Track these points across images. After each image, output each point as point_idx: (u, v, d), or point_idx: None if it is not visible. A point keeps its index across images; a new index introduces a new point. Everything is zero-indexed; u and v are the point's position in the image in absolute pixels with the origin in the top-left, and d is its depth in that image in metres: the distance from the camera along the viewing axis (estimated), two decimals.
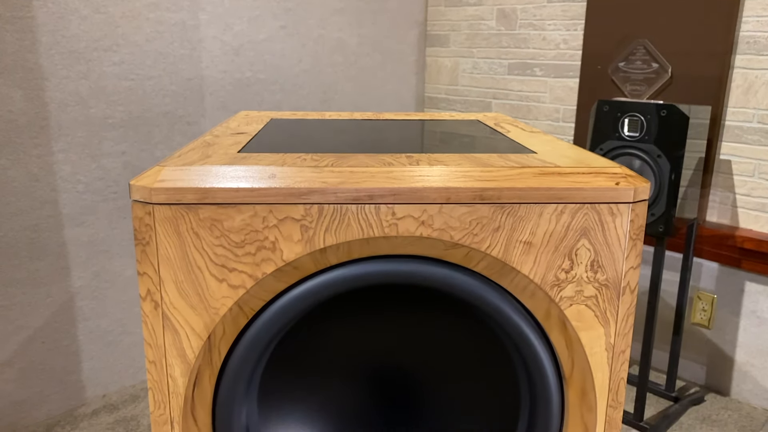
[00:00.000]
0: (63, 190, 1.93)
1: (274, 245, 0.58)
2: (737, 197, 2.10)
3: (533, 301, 0.62)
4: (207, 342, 0.60)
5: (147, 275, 0.58)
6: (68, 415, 2.02)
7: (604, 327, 0.62)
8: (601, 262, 0.60)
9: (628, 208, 0.59)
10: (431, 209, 0.58)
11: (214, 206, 0.56)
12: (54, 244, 1.94)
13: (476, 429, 0.69)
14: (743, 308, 2.12)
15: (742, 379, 2.14)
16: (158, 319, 0.59)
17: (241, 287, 0.58)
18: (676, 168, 1.78)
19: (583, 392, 0.64)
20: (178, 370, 0.60)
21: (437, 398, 0.70)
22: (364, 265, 0.60)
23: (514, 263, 0.60)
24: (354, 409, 0.70)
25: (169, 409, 0.61)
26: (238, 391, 0.62)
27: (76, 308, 2.03)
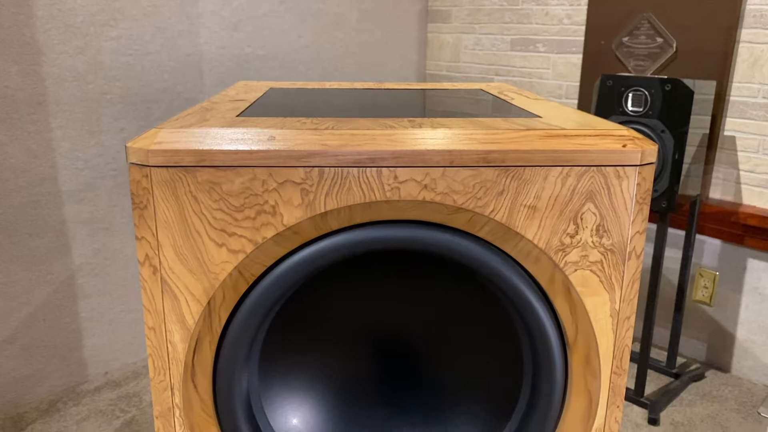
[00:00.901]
0: (62, 167, 1.92)
1: (274, 209, 0.57)
2: (741, 173, 2.08)
3: (537, 266, 0.61)
4: (207, 307, 0.59)
5: (145, 239, 0.57)
6: (70, 391, 2.03)
7: (609, 293, 0.61)
8: (606, 227, 0.59)
9: (635, 171, 0.58)
10: (434, 172, 0.56)
11: (212, 169, 0.55)
12: (54, 221, 1.93)
13: (478, 396, 0.69)
14: (745, 285, 2.12)
15: (742, 356, 2.15)
16: (157, 284, 0.58)
17: (241, 252, 0.57)
18: (679, 143, 1.76)
19: (587, 359, 0.64)
20: (178, 335, 0.59)
21: (439, 364, 0.69)
22: (366, 230, 0.59)
23: (518, 228, 0.59)
24: (355, 374, 0.69)
25: (169, 375, 0.60)
26: (239, 357, 0.61)
27: (77, 286, 2.03)
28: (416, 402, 0.70)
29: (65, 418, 1.89)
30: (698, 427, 1.88)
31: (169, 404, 0.61)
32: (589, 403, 0.65)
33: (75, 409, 1.93)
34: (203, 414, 0.63)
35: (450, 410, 0.69)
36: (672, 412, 1.95)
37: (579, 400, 0.65)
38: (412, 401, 0.70)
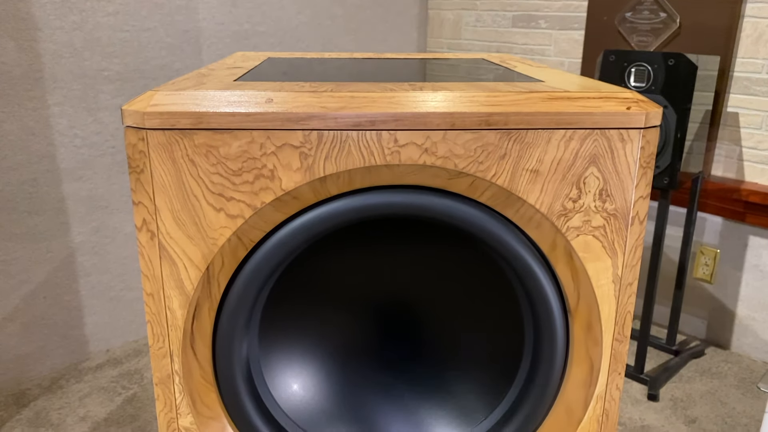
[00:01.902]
0: (60, 144, 1.91)
1: (273, 173, 0.56)
2: (744, 150, 2.07)
3: (539, 232, 0.60)
4: (205, 273, 0.58)
5: (142, 204, 0.56)
6: (72, 369, 2.04)
7: (612, 258, 0.60)
8: (609, 191, 0.58)
9: (639, 134, 0.57)
10: (435, 136, 0.56)
11: (209, 132, 0.54)
12: (52, 199, 1.93)
13: (479, 364, 0.68)
14: (746, 262, 2.12)
15: (742, 333, 2.15)
16: (155, 249, 0.57)
17: (240, 217, 0.57)
18: (682, 119, 1.75)
19: (589, 326, 0.63)
20: (177, 302, 0.59)
21: (440, 332, 0.69)
22: (366, 196, 0.59)
23: (520, 192, 0.58)
24: (356, 341, 0.69)
25: (168, 342, 0.60)
26: (239, 324, 0.61)
27: (77, 264, 2.03)
28: (417, 369, 0.70)
29: (67, 395, 1.90)
30: (697, 403, 1.89)
31: (168, 371, 0.61)
32: (591, 369, 0.65)
33: (77, 386, 1.94)
34: (203, 381, 0.63)
35: (451, 377, 0.69)
36: (671, 389, 1.95)
37: (580, 366, 0.65)
38: (412, 368, 0.70)
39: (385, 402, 0.69)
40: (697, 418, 1.82)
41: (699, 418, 1.82)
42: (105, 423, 1.76)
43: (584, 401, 0.66)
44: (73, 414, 1.80)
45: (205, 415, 0.64)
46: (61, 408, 1.83)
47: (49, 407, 1.83)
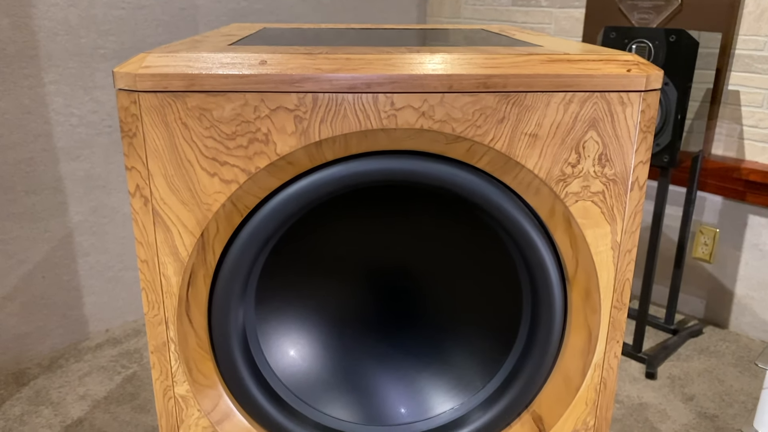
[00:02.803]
0: (56, 123, 1.89)
1: (267, 137, 0.55)
2: (744, 129, 2.05)
3: (537, 198, 0.60)
4: (200, 240, 0.58)
5: (135, 169, 0.56)
6: (72, 348, 2.04)
7: (611, 224, 0.60)
8: (609, 156, 0.58)
9: (639, 97, 0.56)
10: (432, 99, 0.55)
11: (202, 94, 0.53)
12: (50, 178, 1.92)
13: (477, 332, 0.68)
14: (745, 242, 2.11)
15: (741, 312, 2.15)
16: (148, 215, 0.57)
17: (234, 182, 0.56)
18: (683, 96, 1.73)
19: (587, 293, 0.63)
20: (171, 268, 0.58)
21: (437, 301, 0.69)
22: (362, 162, 0.58)
23: (518, 157, 0.57)
24: (353, 310, 0.69)
25: (163, 309, 0.60)
26: (234, 291, 0.60)
27: (75, 243, 2.02)
28: (414, 338, 0.69)
29: (67, 374, 1.90)
30: (695, 381, 1.89)
31: (163, 338, 0.61)
32: (589, 337, 0.64)
33: (77, 365, 1.95)
34: (198, 349, 0.63)
35: (448, 346, 0.69)
36: (669, 367, 1.96)
37: (578, 334, 0.65)
38: (410, 337, 0.69)
39: (383, 371, 0.69)
40: (694, 395, 1.82)
41: (696, 395, 1.82)
42: (105, 401, 1.77)
43: (582, 369, 0.65)
44: (73, 392, 1.81)
45: (202, 383, 0.63)
46: (61, 387, 1.84)
47: (49, 386, 1.84)
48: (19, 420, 1.68)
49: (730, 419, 1.71)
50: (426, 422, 0.69)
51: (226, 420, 0.65)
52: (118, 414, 1.70)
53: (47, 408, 1.73)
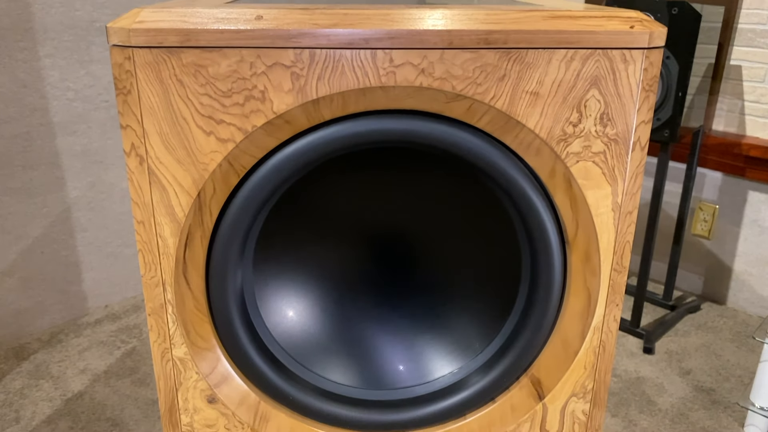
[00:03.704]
0: (52, 98, 1.87)
1: (264, 95, 0.54)
2: (746, 104, 2.04)
3: (538, 159, 0.59)
4: (197, 200, 0.57)
5: (130, 128, 0.55)
6: (71, 323, 2.04)
7: (612, 185, 0.59)
8: (611, 115, 0.57)
9: (642, 54, 0.55)
10: (432, 55, 0.54)
11: (197, 50, 0.52)
12: (47, 153, 1.90)
13: (476, 296, 0.68)
14: (745, 218, 2.11)
15: (739, 289, 2.16)
16: (144, 175, 0.56)
17: (230, 141, 0.55)
18: (684, 69, 1.72)
19: (587, 256, 0.62)
20: (168, 229, 0.58)
21: (437, 264, 0.68)
22: (361, 121, 0.57)
23: (519, 116, 0.56)
24: (352, 275, 0.68)
25: (160, 270, 0.59)
26: (232, 254, 0.60)
27: (74, 219, 2.02)
28: (413, 301, 0.69)
29: (67, 349, 1.91)
30: (692, 355, 1.90)
31: (161, 300, 0.60)
32: (588, 301, 0.64)
33: (76, 340, 1.95)
34: (196, 311, 0.62)
35: (448, 310, 0.69)
36: (667, 342, 1.97)
37: (578, 298, 0.64)
38: (409, 300, 0.69)
39: (382, 335, 0.69)
40: (691, 370, 1.83)
41: (693, 369, 1.83)
42: (105, 375, 1.77)
43: (581, 333, 0.65)
44: (73, 367, 1.82)
45: (200, 345, 0.63)
46: (61, 361, 1.84)
47: (49, 360, 1.84)
48: (20, 393, 1.69)
49: (726, 393, 1.73)
50: (424, 386, 0.69)
51: (225, 383, 0.65)
52: (118, 387, 1.71)
53: (47, 382, 1.74)
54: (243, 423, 0.66)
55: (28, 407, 1.63)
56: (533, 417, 0.68)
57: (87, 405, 1.64)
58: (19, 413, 1.60)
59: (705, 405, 1.67)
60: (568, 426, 0.69)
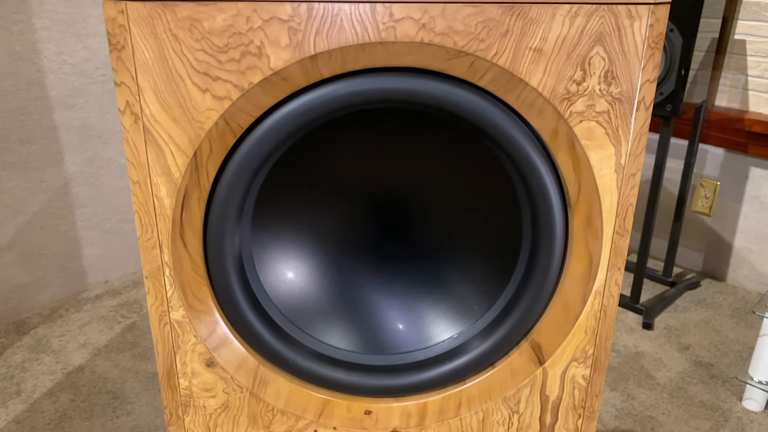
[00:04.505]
0: (49, 71, 1.85)
1: (260, 50, 0.53)
2: (749, 79, 2.02)
3: (541, 119, 0.58)
4: (193, 160, 0.56)
5: (124, 84, 0.54)
6: (71, 299, 2.04)
7: (615, 146, 0.58)
8: (615, 73, 0.56)
9: (648, 10, 0.53)
10: (433, 9, 0.52)
11: (192, 4, 0.51)
12: (44, 127, 1.89)
13: (477, 259, 0.67)
14: (746, 194, 2.10)
15: (739, 265, 2.16)
16: (139, 133, 0.55)
17: (227, 99, 0.54)
18: (688, 42, 1.69)
19: (589, 219, 0.62)
20: (164, 189, 0.57)
21: (437, 228, 0.68)
22: (360, 80, 0.56)
23: (522, 74, 0.55)
24: (351, 238, 0.68)
25: (157, 232, 0.59)
26: (229, 216, 0.59)
27: (72, 194, 2.01)
28: (413, 266, 0.69)
29: (67, 323, 1.91)
30: (691, 331, 1.90)
31: (158, 262, 0.60)
32: (590, 264, 0.63)
33: (77, 315, 1.96)
34: (194, 274, 0.62)
35: (448, 274, 0.68)
36: (666, 318, 1.97)
37: (579, 261, 0.64)
38: (409, 265, 0.68)
39: (382, 300, 0.69)
40: (690, 345, 1.84)
41: (692, 345, 1.84)
42: (105, 349, 1.78)
43: (582, 297, 0.65)
44: (74, 341, 1.82)
45: (198, 309, 0.63)
46: (62, 335, 1.85)
47: (49, 335, 1.85)
48: (21, 367, 1.69)
49: (725, 368, 1.73)
50: (424, 351, 0.68)
51: (223, 347, 0.64)
52: (118, 361, 1.72)
53: (48, 356, 1.74)
54: (242, 387, 0.66)
55: (29, 380, 1.63)
56: (533, 382, 0.68)
57: (88, 378, 1.64)
58: (20, 386, 1.61)
59: (703, 379, 1.67)
60: (568, 391, 0.69)
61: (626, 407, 1.56)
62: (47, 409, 1.52)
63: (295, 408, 0.67)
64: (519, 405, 0.69)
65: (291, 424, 0.68)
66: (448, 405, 0.69)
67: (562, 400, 0.69)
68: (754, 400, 1.55)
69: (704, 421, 1.51)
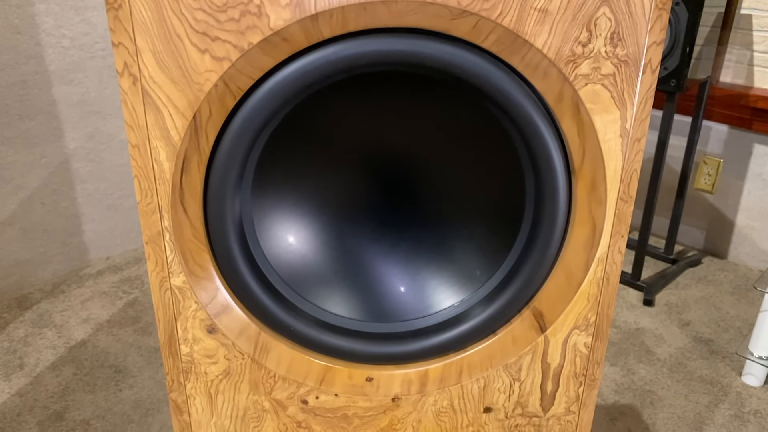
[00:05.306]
0: (48, 45, 1.84)
1: (260, 10, 0.52)
2: (755, 55, 1.99)
3: (545, 82, 0.57)
4: (192, 122, 0.55)
5: (122, 45, 0.53)
6: (73, 275, 2.05)
7: (621, 110, 0.57)
8: (622, 34, 0.55)
9: None
10: None
11: None
12: (44, 102, 1.87)
13: (479, 226, 0.67)
14: (749, 171, 2.09)
15: (740, 243, 2.15)
16: (138, 95, 0.54)
17: (226, 59, 0.53)
18: (694, 17, 1.67)
19: (593, 184, 0.61)
20: (164, 153, 0.56)
21: (440, 195, 0.67)
22: (361, 41, 0.55)
23: (527, 35, 0.54)
24: (353, 201, 0.67)
25: (156, 196, 0.58)
26: (230, 180, 0.59)
27: (73, 170, 2.00)
28: (415, 233, 0.68)
29: (69, 299, 1.92)
30: (692, 308, 1.91)
31: (158, 228, 0.59)
32: (593, 231, 0.63)
33: (78, 290, 1.96)
34: (194, 240, 0.61)
35: (450, 241, 0.68)
36: (667, 295, 1.97)
37: (582, 228, 0.63)
38: (411, 232, 0.68)
39: (383, 267, 0.68)
40: (690, 321, 1.84)
41: (692, 321, 1.84)
42: (107, 324, 1.78)
43: (585, 264, 0.64)
44: (76, 316, 1.83)
45: (198, 275, 0.63)
46: (64, 311, 1.85)
47: (51, 310, 1.85)
48: (24, 341, 1.70)
49: (725, 343, 1.73)
50: (426, 319, 0.68)
51: (224, 313, 0.64)
52: (120, 336, 1.72)
53: (51, 330, 1.75)
54: (243, 353, 0.66)
55: (32, 354, 1.64)
56: (534, 349, 0.68)
57: (90, 352, 1.65)
58: (23, 360, 1.62)
59: (703, 355, 1.68)
60: (569, 359, 0.69)
61: (626, 382, 1.57)
62: (50, 383, 1.53)
63: (296, 375, 0.67)
64: (520, 372, 0.69)
65: (292, 390, 0.68)
66: (450, 372, 0.69)
67: (563, 367, 0.69)
68: (753, 376, 1.55)
69: (703, 395, 1.52)
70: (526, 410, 0.72)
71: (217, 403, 0.68)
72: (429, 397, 0.69)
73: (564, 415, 0.72)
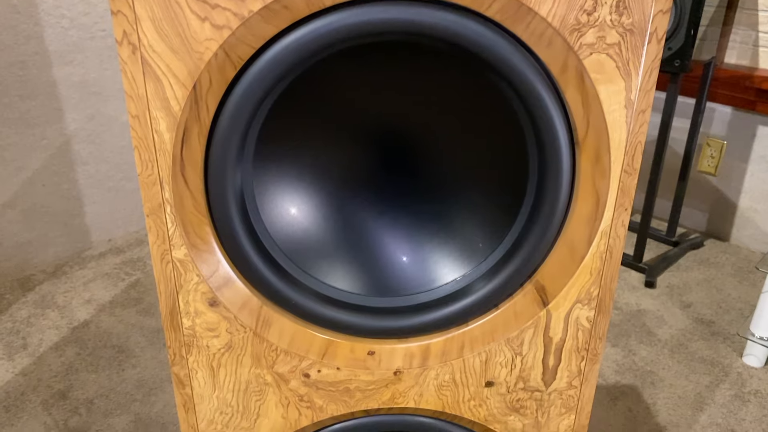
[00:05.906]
0: (47, 25, 1.82)
1: None
2: (760, 35, 1.97)
3: (550, 51, 0.56)
4: (192, 92, 0.55)
5: (121, 13, 0.52)
6: (75, 256, 2.05)
7: (626, 80, 0.57)
8: (627, 2, 0.54)
9: None
10: None
11: None
12: (44, 83, 1.87)
13: (481, 199, 0.66)
14: (753, 153, 2.07)
15: (743, 225, 2.15)
16: (137, 65, 0.54)
17: (226, 27, 0.53)
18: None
19: (597, 157, 0.61)
20: (164, 124, 0.56)
21: (442, 165, 0.67)
22: (364, 9, 0.54)
23: (531, 2, 0.53)
24: (355, 173, 0.67)
25: (157, 168, 0.58)
26: (231, 152, 0.58)
27: (74, 152, 2.00)
28: (418, 207, 0.68)
29: (72, 280, 1.92)
30: (693, 289, 1.91)
31: (159, 200, 0.59)
32: (596, 204, 0.63)
33: (81, 272, 1.96)
34: (195, 212, 0.61)
35: (452, 215, 0.67)
36: (669, 277, 1.97)
37: (585, 201, 0.63)
38: (413, 206, 0.68)
39: (387, 241, 0.68)
40: (692, 303, 1.84)
41: (694, 303, 1.84)
42: (110, 305, 1.79)
43: (588, 238, 0.64)
44: (79, 297, 1.83)
45: (200, 248, 0.62)
46: (66, 292, 1.86)
47: (54, 291, 1.86)
48: (27, 322, 1.71)
49: (726, 325, 1.74)
50: (428, 293, 0.68)
51: (226, 286, 0.64)
52: (123, 317, 1.73)
53: (53, 311, 1.76)
54: (245, 327, 0.65)
55: (35, 335, 1.65)
56: (537, 323, 0.68)
57: (93, 333, 1.66)
58: (26, 340, 1.63)
59: (704, 336, 1.68)
60: (572, 333, 0.69)
61: (627, 362, 1.57)
62: (54, 362, 1.54)
63: (298, 348, 0.67)
64: (522, 347, 0.69)
65: (294, 364, 0.68)
66: (451, 346, 0.69)
67: (565, 342, 0.69)
68: (754, 356, 1.56)
69: (704, 376, 1.52)
70: (528, 384, 0.72)
71: (219, 377, 0.68)
72: (431, 371, 0.70)
73: (566, 390, 0.72)
